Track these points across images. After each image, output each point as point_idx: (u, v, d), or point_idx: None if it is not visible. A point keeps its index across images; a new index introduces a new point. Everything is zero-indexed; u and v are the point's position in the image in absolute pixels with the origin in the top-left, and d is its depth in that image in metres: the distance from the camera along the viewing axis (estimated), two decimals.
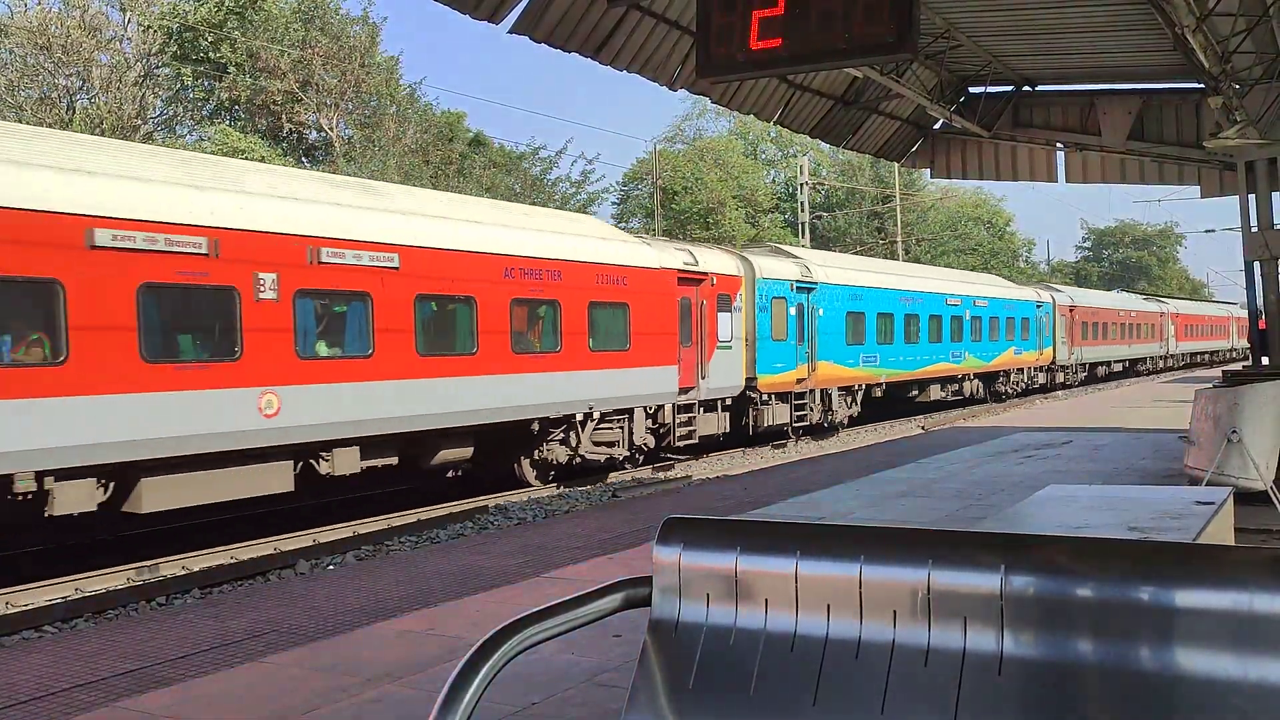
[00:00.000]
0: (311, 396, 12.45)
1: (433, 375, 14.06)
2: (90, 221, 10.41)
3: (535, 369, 15.79)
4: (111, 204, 10.68)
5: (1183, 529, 4.11)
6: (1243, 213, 12.66)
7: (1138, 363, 51.79)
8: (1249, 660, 2.07)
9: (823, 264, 25.12)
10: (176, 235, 11.15)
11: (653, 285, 18.23)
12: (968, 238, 68.15)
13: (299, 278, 12.38)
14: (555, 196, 42.49)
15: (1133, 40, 13.28)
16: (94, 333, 10.38)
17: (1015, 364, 36.17)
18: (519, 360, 15.46)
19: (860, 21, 4.47)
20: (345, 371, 12.97)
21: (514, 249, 15.48)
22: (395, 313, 13.52)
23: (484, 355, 14.80)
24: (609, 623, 2.80)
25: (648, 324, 17.99)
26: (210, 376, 11.44)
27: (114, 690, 5.52)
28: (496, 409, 15.04)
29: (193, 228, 11.33)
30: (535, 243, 15.97)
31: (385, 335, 13.36)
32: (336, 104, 37.07)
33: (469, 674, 2.15)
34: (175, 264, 11.15)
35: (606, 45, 11.32)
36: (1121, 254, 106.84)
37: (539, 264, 15.88)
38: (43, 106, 31.34)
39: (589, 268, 16.85)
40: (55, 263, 10.12)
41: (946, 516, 10.01)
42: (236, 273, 11.73)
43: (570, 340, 16.40)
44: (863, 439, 24.21)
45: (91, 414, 10.31)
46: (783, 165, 63.89)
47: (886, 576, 2.46)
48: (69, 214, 10.26)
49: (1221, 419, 9.70)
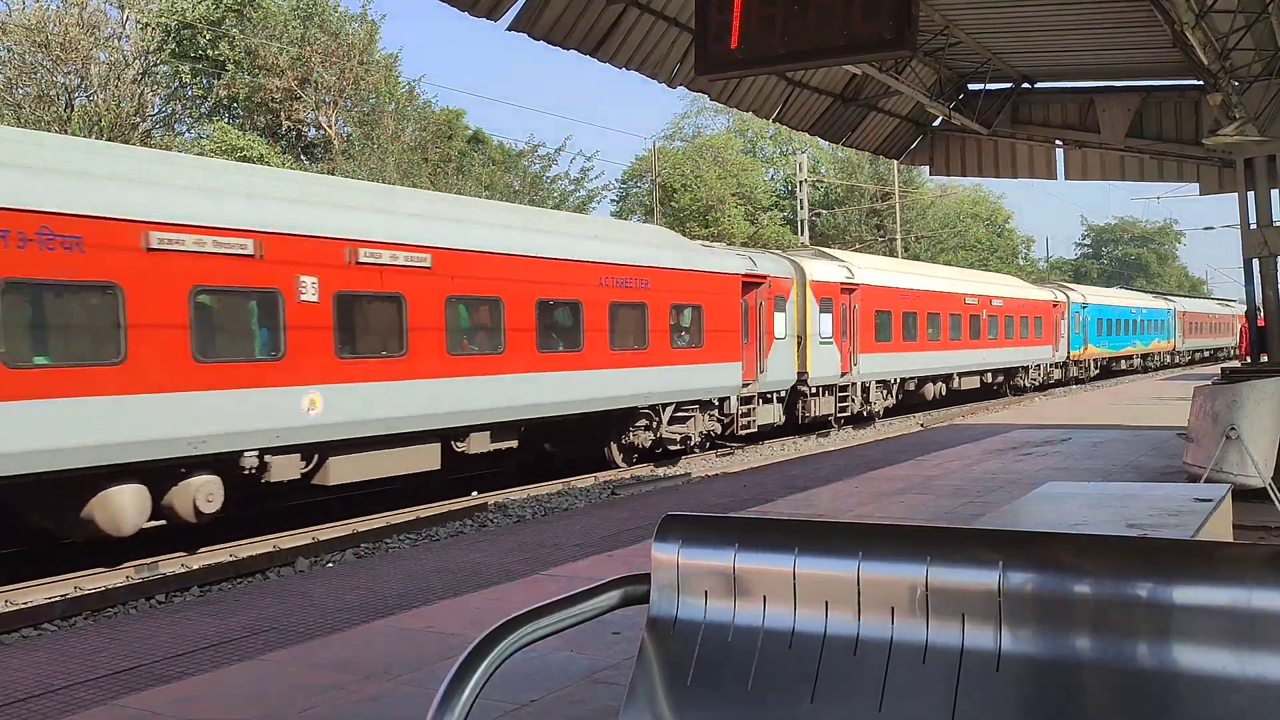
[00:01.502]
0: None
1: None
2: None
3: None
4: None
5: (1181, 526, 4.11)
6: (1241, 210, 12.66)
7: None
8: (1247, 657, 2.07)
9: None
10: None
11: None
12: (966, 235, 68.17)
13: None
14: (554, 194, 42.48)
15: (1132, 37, 13.27)
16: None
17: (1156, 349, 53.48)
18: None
19: (859, 18, 4.47)
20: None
21: (609, 258, 17.62)
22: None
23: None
24: (607, 620, 2.80)
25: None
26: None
27: (113, 688, 5.52)
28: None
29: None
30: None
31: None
32: (335, 102, 37.05)
33: (467, 671, 2.15)
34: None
35: (605, 43, 11.31)
36: (1120, 251, 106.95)
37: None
38: (41, 104, 31.30)
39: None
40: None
41: (945, 513, 10.02)
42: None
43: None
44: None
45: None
46: (781, 163, 63.87)
47: (885, 573, 2.46)
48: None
49: (1220, 416, 9.71)
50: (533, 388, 15.76)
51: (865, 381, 26.25)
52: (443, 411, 14.27)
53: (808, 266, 23.95)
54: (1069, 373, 42.70)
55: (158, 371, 10.82)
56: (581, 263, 16.88)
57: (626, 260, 17.92)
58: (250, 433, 11.78)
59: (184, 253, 11.08)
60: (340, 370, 12.77)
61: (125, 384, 10.51)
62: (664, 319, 18.72)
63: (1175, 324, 58.13)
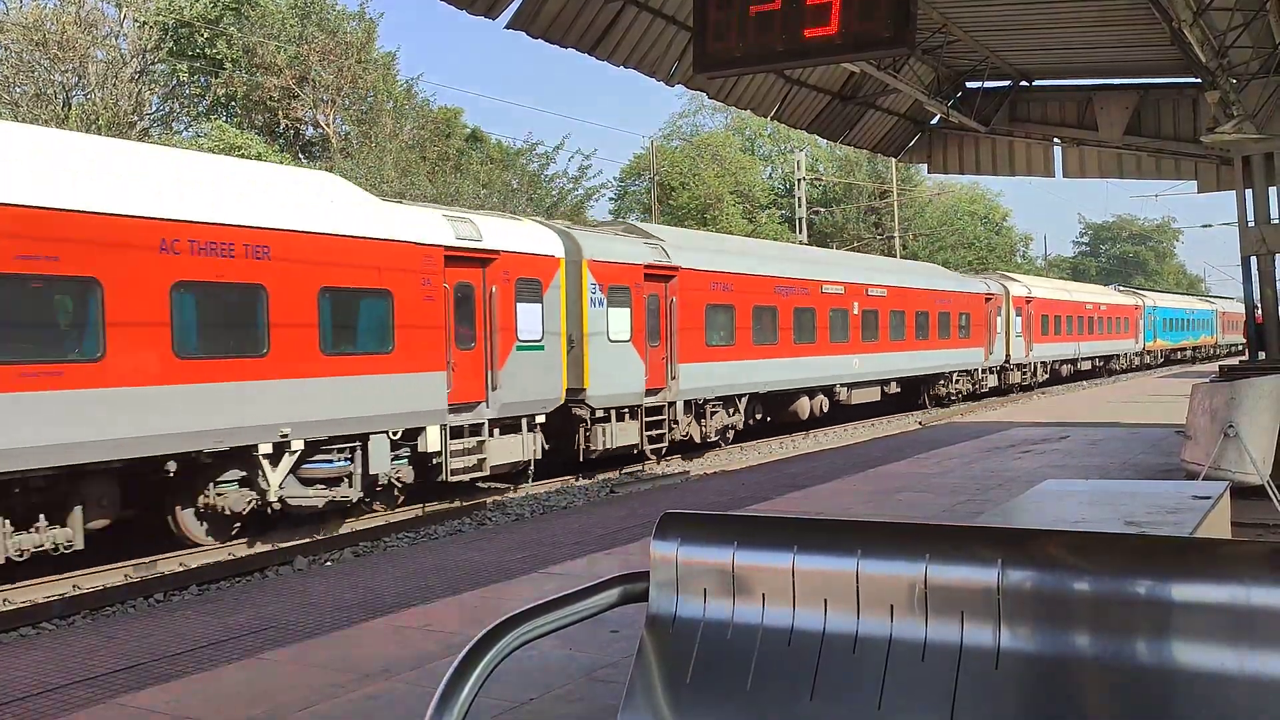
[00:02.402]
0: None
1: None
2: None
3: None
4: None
5: (1179, 523, 4.11)
6: (1240, 207, 12.67)
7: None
8: (1246, 654, 2.07)
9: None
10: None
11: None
12: (964, 233, 68.18)
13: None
14: (553, 192, 42.45)
15: (1130, 35, 13.28)
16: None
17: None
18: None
19: (857, 17, 4.47)
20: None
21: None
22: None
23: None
24: (606, 618, 2.80)
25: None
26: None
27: (112, 687, 5.52)
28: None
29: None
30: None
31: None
32: (333, 100, 37.02)
33: (466, 669, 2.15)
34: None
35: (603, 41, 11.31)
36: (1119, 249, 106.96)
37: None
38: (39, 103, 31.26)
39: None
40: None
41: (944, 511, 10.02)
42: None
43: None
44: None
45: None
46: (780, 161, 63.87)
47: (884, 571, 2.46)
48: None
49: (1219, 413, 9.71)
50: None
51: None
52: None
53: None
54: (1143, 360, 52.58)
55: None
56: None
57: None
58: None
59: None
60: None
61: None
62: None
63: (1217, 322, 69.99)
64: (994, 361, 34.72)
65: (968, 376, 33.14)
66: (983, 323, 33.44)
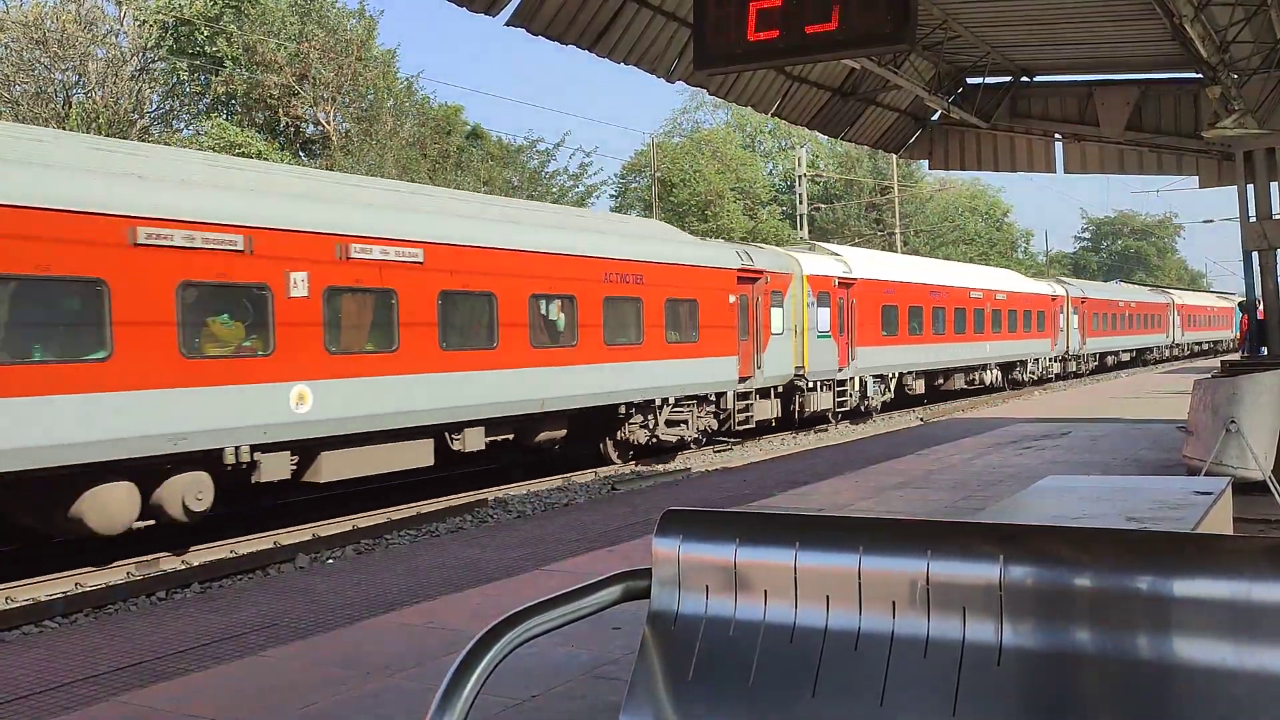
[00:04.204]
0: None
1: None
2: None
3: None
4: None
5: (1181, 519, 4.11)
6: (1241, 203, 12.65)
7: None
8: (1247, 649, 2.08)
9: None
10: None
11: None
12: (965, 229, 68.16)
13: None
14: (553, 189, 42.43)
15: (1131, 30, 13.25)
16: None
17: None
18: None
19: (858, 12, 4.46)
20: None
21: (606, 253, 17.74)
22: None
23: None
24: (608, 615, 2.80)
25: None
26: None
27: (114, 685, 5.53)
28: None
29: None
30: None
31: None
32: (333, 98, 36.98)
33: (468, 667, 2.15)
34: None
35: (603, 37, 11.28)
36: (1120, 244, 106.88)
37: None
38: (39, 101, 31.27)
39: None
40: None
41: (945, 507, 10.02)
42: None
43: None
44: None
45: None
46: (780, 157, 63.82)
47: (885, 567, 2.46)
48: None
49: (1220, 409, 9.71)
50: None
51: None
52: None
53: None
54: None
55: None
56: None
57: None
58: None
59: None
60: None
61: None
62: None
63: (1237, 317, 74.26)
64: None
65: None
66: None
